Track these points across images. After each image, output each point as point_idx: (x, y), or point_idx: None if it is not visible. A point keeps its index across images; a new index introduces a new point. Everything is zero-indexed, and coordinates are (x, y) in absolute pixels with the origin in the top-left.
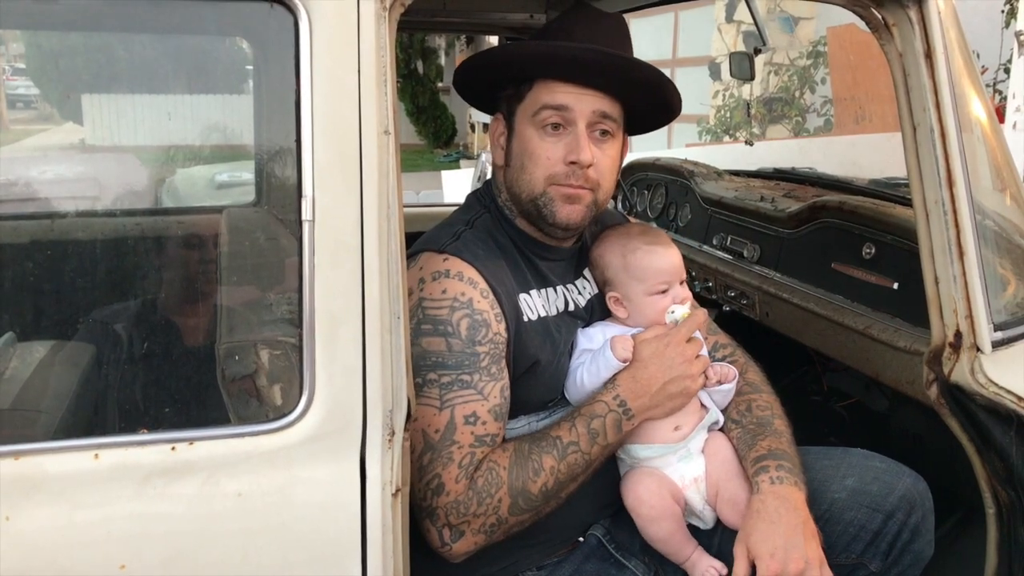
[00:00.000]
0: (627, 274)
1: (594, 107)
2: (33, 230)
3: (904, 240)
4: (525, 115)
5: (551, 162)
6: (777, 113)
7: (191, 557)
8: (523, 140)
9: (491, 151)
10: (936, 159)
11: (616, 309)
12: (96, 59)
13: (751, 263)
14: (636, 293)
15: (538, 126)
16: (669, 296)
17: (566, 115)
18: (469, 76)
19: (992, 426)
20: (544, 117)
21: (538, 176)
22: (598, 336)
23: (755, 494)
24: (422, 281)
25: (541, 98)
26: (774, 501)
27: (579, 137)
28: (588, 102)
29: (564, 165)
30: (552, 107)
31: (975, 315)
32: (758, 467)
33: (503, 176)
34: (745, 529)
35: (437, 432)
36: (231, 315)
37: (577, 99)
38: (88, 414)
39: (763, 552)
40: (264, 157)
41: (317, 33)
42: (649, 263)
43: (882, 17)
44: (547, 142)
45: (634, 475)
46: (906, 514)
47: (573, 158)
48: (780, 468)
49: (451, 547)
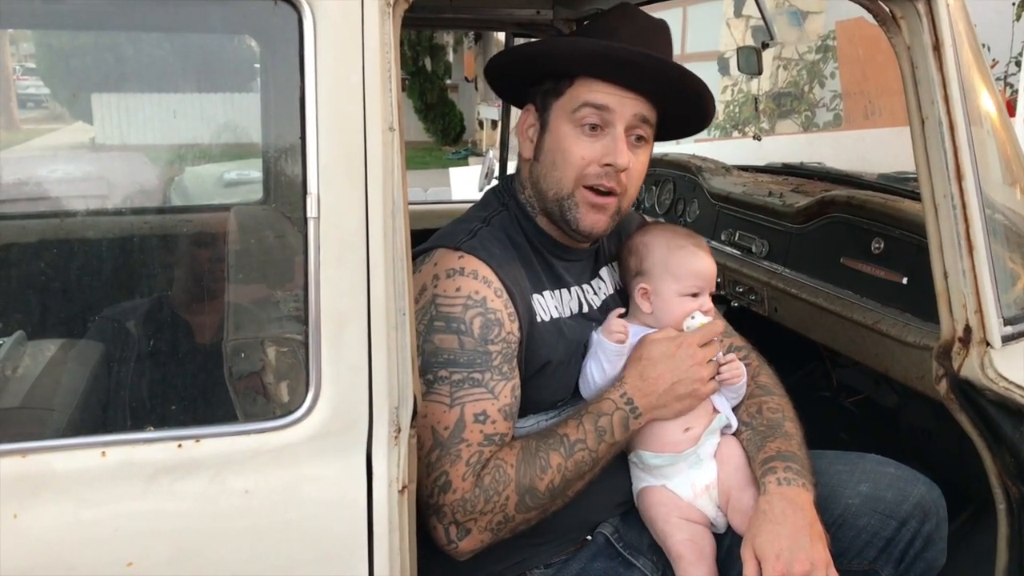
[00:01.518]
0: (665, 269)
1: (635, 111)
2: (43, 229)
3: (913, 234)
4: (563, 111)
5: (585, 162)
6: (786, 108)
7: (198, 555)
8: (557, 136)
9: (519, 144)
10: (945, 153)
11: (642, 302)
12: (105, 58)
13: (759, 259)
14: (669, 290)
15: (575, 123)
16: (697, 302)
17: (606, 116)
18: (506, 66)
19: (1002, 421)
20: (583, 115)
21: (569, 175)
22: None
23: (761, 495)
24: (436, 278)
25: (582, 95)
26: (780, 502)
27: (617, 140)
28: (630, 105)
29: (598, 166)
30: (593, 106)
31: (985, 310)
32: (765, 468)
33: (528, 170)
34: (751, 531)
35: (446, 429)
36: (238, 313)
37: (620, 101)
38: (97, 412)
39: (768, 553)
40: (271, 155)
41: (321, 30)
42: (691, 263)
43: (890, 10)
44: (583, 141)
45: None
46: (920, 522)
47: (610, 160)
48: (788, 469)
49: (457, 545)
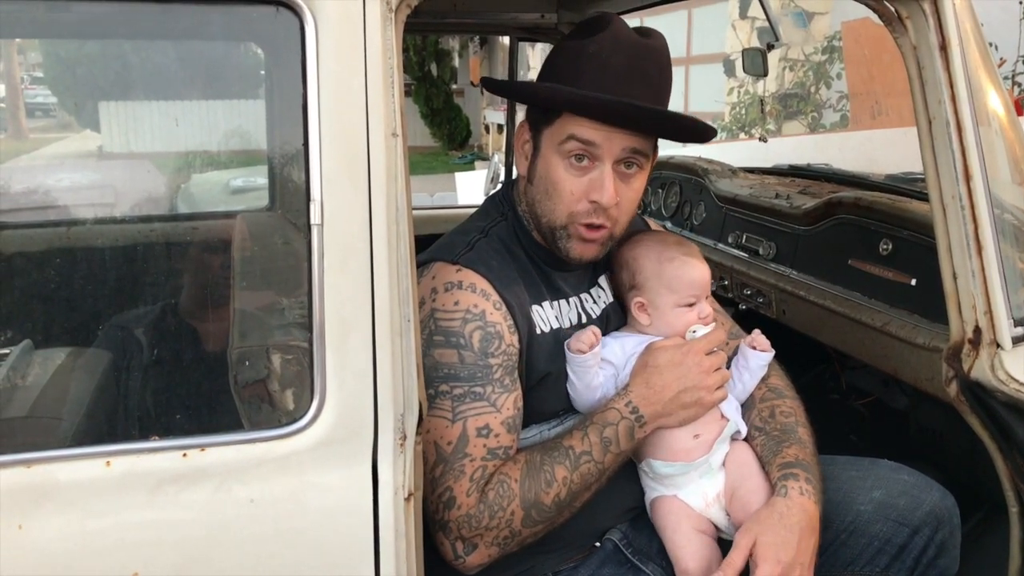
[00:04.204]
0: (659, 282)
1: (624, 145)
2: (50, 237)
3: (921, 235)
4: (551, 140)
5: (574, 198)
6: (792, 109)
7: (203, 564)
8: (548, 165)
9: (516, 158)
10: (952, 153)
11: (639, 315)
12: (112, 67)
13: (767, 261)
14: (665, 302)
15: (563, 155)
16: (695, 310)
17: (593, 150)
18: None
19: (1013, 423)
20: (570, 148)
21: (561, 209)
22: (615, 348)
23: (782, 497)
24: (434, 291)
25: (569, 128)
26: (799, 513)
27: (604, 177)
28: (618, 141)
29: (586, 202)
30: (580, 140)
31: (994, 311)
32: (786, 472)
33: (524, 187)
34: (760, 524)
35: (449, 444)
36: (244, 320)
37: (607, 137)
38: (104, 420)
39: (771, 555)
40: (276, 162)
41: (323, 36)
42: (684, 274)
43: (895, 10)
44: (570, 175)
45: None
46: (933, 530)
47: (595, 197)
48: (808, 481)
49: (464, 560)
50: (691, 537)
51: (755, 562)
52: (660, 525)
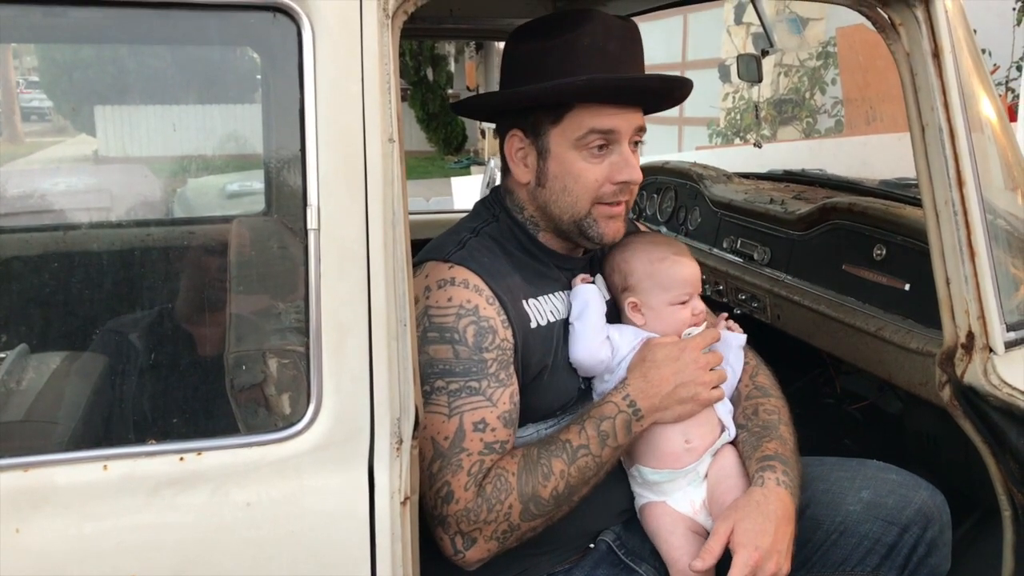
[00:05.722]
0: (652, 282)
1: (635, 124)
2: (46, 242)
3: (915, 241)
4: (564, 138)
5: (598, 183)
6: (787, 115)
7: (201, 567)
8: (564, 163)
9: (512, 169)
10: (945, 159)
11: (634, 316)
12: (108, 71)
13: (761, 266)
14: (659, 302)
15: (582, 148)
16: (688, 308)
17: (611, 137)
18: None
19: (1006, 428)
20: (590, 140)
21: (585, 197)
22: (615, 333)
23: (760, 486)
24: (427, 289)
25: (586, 123)
26: (776, 502)
27: (627, 157)
28: (631, 120)
29: (611, 184)
30: (600, 131)
31: (987, 316)
32: (764, 464)
33: (526, 194)
34: (738, 512)
35: (446, 439)
36: (240, 325)
37: (624, 120)
38: (100, 424)
39: (749, 542)
40: (273, 166)
41: (320, 41)
42: (676, 272)
43: (888, 17)
44: (591, 164)
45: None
46: (922, 528)
47: (626, 178)
48: (785, 474)
49: (464, 555)
50: (685, 537)
51: (734, 548)
52: (652, 530)
